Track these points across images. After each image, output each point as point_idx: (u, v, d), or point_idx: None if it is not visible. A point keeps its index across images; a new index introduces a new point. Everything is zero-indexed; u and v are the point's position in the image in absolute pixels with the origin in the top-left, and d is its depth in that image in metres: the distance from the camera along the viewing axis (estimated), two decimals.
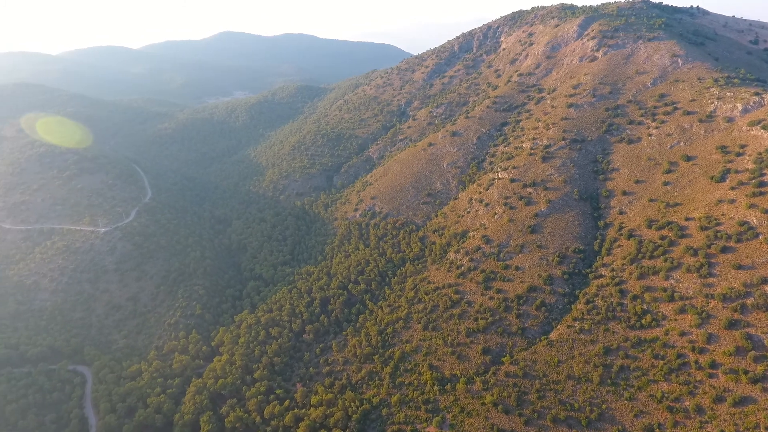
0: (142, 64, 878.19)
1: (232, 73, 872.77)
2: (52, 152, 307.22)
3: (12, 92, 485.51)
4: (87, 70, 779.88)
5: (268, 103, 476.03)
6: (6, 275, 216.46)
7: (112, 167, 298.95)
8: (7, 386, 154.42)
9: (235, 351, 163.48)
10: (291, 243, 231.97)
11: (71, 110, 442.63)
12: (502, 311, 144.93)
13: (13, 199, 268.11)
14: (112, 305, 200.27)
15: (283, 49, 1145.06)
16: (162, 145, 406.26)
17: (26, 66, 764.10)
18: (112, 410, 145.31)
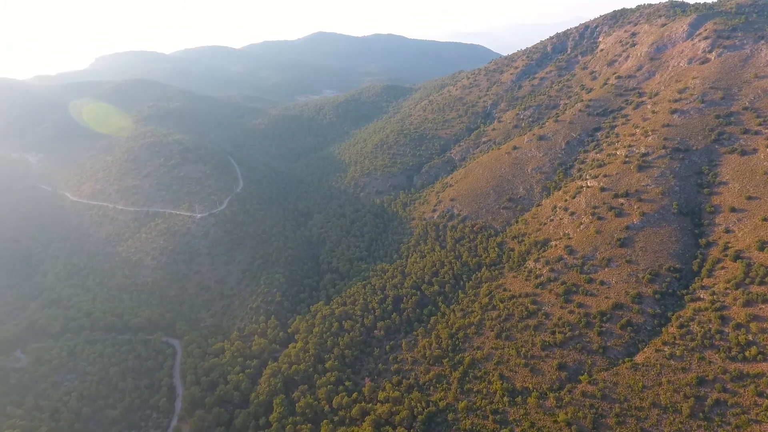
0: (242, 63, 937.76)
1: (322, 72, 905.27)
2: (161, 142, 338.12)
3: (130, 87, 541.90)
4: (194, 67, 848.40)
5: (355, 101, 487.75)
6: (116, 251, 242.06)
7: (210, 158, 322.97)
8: (112, 350, 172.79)
9: (309, 340, 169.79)
10: (368, 239, 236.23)
11: (179, 104, 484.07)
12: (582, 327, 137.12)
13: (126, 183, 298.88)
14: (203, 286, 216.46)
15: (372, 49, 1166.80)
16: (255, 139, 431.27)
17: (143, 64, 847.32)
18: (197, 382, 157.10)
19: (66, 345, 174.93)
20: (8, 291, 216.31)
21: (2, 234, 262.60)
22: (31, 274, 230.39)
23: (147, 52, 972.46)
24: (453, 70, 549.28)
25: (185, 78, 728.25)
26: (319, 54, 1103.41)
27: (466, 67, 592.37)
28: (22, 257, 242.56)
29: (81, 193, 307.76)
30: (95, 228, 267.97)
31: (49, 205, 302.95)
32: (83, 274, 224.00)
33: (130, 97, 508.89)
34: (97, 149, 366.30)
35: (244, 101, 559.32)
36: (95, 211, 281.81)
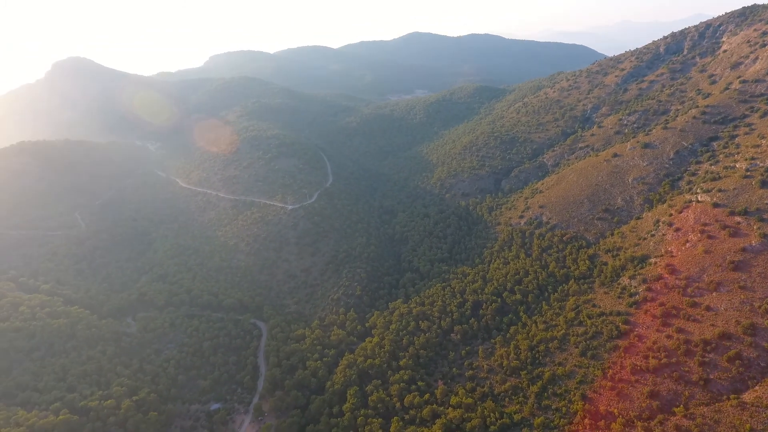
0: (339, 63, 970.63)
1: (415, 72, 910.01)
2: (260, 136, 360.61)
3: (237, 84, 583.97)
4: (294, 66, 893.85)
5: (446, 102, 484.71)
6: (216, 235, 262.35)
7: (304, 153, 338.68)
8: (207, 326, 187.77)
9: (386, 336, 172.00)
10: (450, 241, 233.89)
11: (279, 101, 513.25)
12: (681, 354, 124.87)
13: (228, 173, 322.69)
14: (289, 274, 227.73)
15: (467, 50, 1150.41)
16: (346, 136, 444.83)
17: (251, 62, 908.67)
18: (278, 365, 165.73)
19: (168, 317, 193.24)
20: (125, 264, 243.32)
21: (125, 213, 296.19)
22: (145, 250, 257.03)
23: (254, 52, 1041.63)
24: (551, 71, 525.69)
25: (286, 76, 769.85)
26: (413, 54, 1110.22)
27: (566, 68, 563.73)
28: (139, 234, 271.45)
29: (189, 180, 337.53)
30: (200, 212, 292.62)
31: (163, 189, 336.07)
32: (187, 254, 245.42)
33: (236, 93, 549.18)
34: (205, 140, 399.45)
35: (338, 99, 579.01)
36: (200, 197, 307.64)
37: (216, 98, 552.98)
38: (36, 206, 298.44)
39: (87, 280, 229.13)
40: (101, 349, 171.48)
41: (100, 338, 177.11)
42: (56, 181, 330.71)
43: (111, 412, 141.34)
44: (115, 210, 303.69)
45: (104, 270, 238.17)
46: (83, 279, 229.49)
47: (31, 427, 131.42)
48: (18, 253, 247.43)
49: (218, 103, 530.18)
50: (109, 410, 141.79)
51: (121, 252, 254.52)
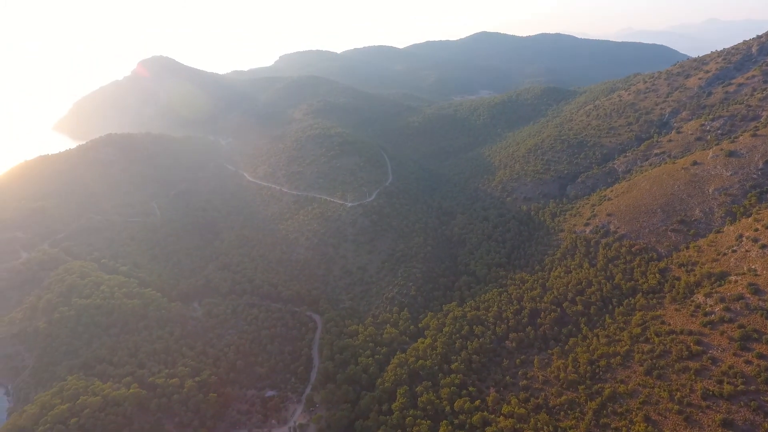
0: (404, 62, 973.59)
1: (480, 72, 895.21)
2: (324, 134, 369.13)
3: (304, 83, 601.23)
4: (360, 66, 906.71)
5: (511, 103, 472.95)
6: (278, 228, 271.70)
7: (365, 152, 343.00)
8: (265, 315, 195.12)
9: (438, 338, 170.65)
10: (509, 246, 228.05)
11: (344, 100, 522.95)
12: (761, 382, 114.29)
13: (292, 169, 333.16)
14: (346, 270, 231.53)
15: (536, 50, 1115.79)
16: (408, 136, 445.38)
17: (318, 62, 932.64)
18: (331, 358, 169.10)
19: (231, 304, 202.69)
20: (194, 251, 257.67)
21: (196, 203, 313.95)
22: (212, 239, 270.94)
23: (322, 51, 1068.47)
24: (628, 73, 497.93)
25: (351, 75, 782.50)
26: (479, 54, 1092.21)
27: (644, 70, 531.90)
28: (207, 224, 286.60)
29: (256, 174, 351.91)
30: (264, 206, 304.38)
31: (231, 182, 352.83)
32: (250, 245, 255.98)
33: (303, 91, 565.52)
34: (272, 137, 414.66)
35: (401, 99, 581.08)
36: (265, 191, 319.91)
37: (284, 96, 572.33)
38: (119, 194, 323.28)
39: (160, 264, 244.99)
40: (169, 330, 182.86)
41: (168, 320, 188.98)
42: (137, 172, 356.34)
43: (175, 390, 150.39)
44: (188, 200, 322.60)
45: (175, 256, 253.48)
46: (156, 264, 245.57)
47: (105, 397, 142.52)
48: (101, 237, 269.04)
49: (286, 101, 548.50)
50: (173, 388, 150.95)
51: (191, 240, 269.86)
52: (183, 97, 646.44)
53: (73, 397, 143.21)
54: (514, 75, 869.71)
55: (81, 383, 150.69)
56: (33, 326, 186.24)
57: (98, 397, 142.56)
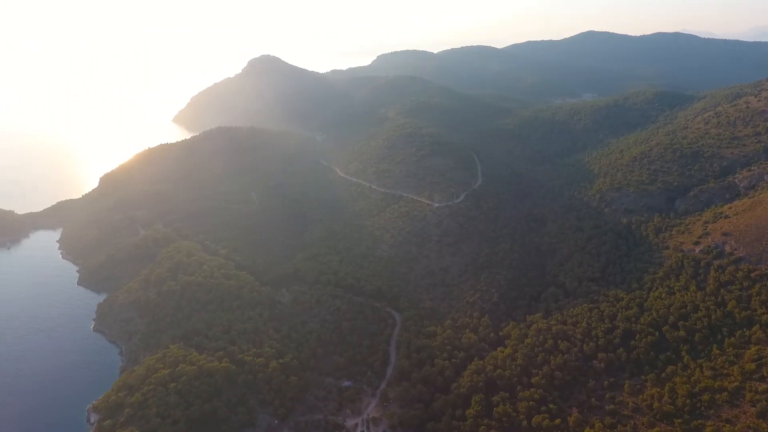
0: (502, 63, 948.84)
1: (583, 74, 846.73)
2: (416, 133, 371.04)
3: (399, 83, 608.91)
4: (456, 66, 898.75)
5: (617, 107, 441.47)
6: (364, 224, 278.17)
7: (456, 152, 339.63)
8: (347, 307, 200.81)
9: (519, 349, 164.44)
10: (604, 260, 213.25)
11: (437, 100, 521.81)
12: None
13: (382, 166, 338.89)
14: (428, 270, 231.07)
15: (649, 50, 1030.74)
16: (501, 138, 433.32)
17: (415, 62, 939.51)
18: (408, 356, 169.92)
19: (316, 293, 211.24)
20: (286, 240, 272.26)
21: (291, 195, 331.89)
22: (303, 230, 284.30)
23: (419, 51, 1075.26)
24: (759, 76, 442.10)
25: (447, 76, 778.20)
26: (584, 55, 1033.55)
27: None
28: (299, 216, 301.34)
29: (347, 170, 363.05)
30: (352, 201, 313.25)
31: (324, 177, 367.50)
32: (337, 238, 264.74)
33: (398, 91, 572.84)
34: (365, 135, 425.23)
35: (496, 100, 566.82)
36: (355, 188, 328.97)
37: (378, 95, 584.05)
38: (224, 182, 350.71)
39: (255, 250, 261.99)
40: (259, 312, 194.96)
41: (259, 302, 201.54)
42: (241, 162, 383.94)
43: (260, 369, 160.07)
44: (284, 192, 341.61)
45: (269, 244, 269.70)
46: (252, 249, 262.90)
47: (200, 367, 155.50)
48: (206, 220, 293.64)
49: (380, 100, 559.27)
50: (259, 367, 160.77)
51: (283, 229, 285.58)
52: (285, 94, 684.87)
53: (173, 364, 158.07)
54: (621, 77, 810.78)
55: (181, 352, 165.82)
56: (145, 296, 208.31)
57: (194, 366, 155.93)
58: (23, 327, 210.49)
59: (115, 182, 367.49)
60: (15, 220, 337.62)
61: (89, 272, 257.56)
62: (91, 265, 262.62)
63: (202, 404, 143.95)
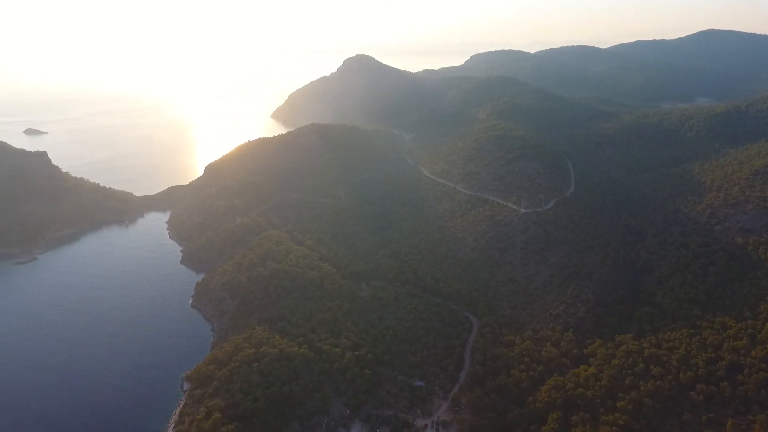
0: (604, 63, 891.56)
1: (698, 76, 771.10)
2: (505, 136, 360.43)
3: (491, 83, 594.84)
4: (554, 66, 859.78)
5: (739, 114, 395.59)
6: (447, 225, 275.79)
7: (547, 157, 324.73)
8: (424, 307, 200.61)
9: (605, 369, 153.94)
10: (711, 283, 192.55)
11: (530, 102, 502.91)
12: None
13: (469, 168, 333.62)
14: (510, 277, 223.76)
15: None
16: (598, 144, 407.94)
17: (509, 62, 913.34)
18: (483, 363, 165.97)
19: (394, 290, 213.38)
20: (368, 236, 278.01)
21: (376, 192, 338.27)
22: (385, 227, 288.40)
23: (514, 51, 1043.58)
24: None
25: (543, 77, 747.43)
26: (700, 55, 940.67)
27: None
28: (383, 213, 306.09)
29: (433, 170, 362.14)
30: (436, 202, 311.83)
31: (409, 175, 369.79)
32: (419, 238, 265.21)
33: (489, 92, 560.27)
34: (453, 135, 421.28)
35: (595, 103, 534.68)
36: (439, 188, 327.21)
37: (469, 96, 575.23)
38: (313, 176, 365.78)
39: (338, 243, 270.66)
40: (339, 304, 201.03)
41: (339, 295, 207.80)
42: (330, 158, 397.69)
43: (336, 359, 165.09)
44: (369, 188, 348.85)
45: (352, 238, 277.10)
46: (336, 242, 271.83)
47: (281, 351, 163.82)
48: (295, 212, 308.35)
49: (471, 100, 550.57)
50: (335, 357, 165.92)
51: (367, 225, 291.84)
52: (377, 93, 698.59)
53: (257, 345, 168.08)
54: (745, 81, 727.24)
55: (265, 334, 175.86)
56: (237, 279, 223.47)
57: (276, 349, 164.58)
58: (135, 295, 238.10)
59: (218, 172, 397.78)
60: (133, 201, 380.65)
61: (190, 253, 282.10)
62: (193, 246, 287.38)
63: (281, 386, 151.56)
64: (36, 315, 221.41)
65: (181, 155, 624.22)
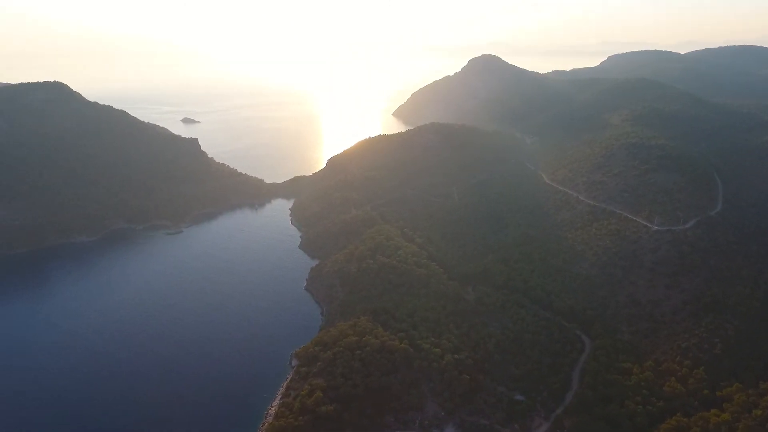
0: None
1: None
2: (641, 144, 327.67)
3: (629, 86, 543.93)
4: (708, 69, 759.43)
5: None
6: (565, 236, 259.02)
7: (690, 170, 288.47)
8: (532, 320, 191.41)
9: (742, 419, 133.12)
10: None
11: (675, 108, 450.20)
12: None
13: (595, 177, 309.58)
14: (633, 299, 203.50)
15: None
16: (760, 159, 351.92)
17: (653, 63, 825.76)
18: (592, 388, 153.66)
19: (501, 298, 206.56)
20: (479, 239, 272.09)
21: (490, 195, 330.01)
22: (497, 231, 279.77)
23: (660, 52, 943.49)
24: None
25: (694, 80, 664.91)
26: None
27: None
28: (496, 216, 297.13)
29: (554, 177, 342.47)
30: (555, 210, 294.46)
31: (527, 181, 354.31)
32: (533, 245, 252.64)
33: (626, 95, 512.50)
34: (580, 141, 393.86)
35: (760, 112, 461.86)
36: (559, 196, 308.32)
37: (603, 99, 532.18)
38: (428, 174, 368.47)
39: (447, 244, 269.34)
40: (443, 304, 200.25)
41: (444, 295, 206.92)
42: (447, 158, 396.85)
43: (436, 359, 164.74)
44: (484, 190, 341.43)
45: (462, 239, 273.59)
46: (445, 242, 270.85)
47: (383, 343, 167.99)
48: (407, 208, 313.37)
49: (604, 104, 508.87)
50: (435, 356, 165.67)
51: (478, 227, 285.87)
52: (500, 94, 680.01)
53: (361, 333, 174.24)
54: None
55: (369, 325, 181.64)
56: (347, 269, 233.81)
57: (378, 340, 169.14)
58: (258, 271, 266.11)
59: (339, 165, 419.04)
60: (263, 188, 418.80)
61: (308, 239, 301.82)
62: (311, 233, 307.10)
63: (380, 376, 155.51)
64: (180, 279, 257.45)
65: (307, 147, 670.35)
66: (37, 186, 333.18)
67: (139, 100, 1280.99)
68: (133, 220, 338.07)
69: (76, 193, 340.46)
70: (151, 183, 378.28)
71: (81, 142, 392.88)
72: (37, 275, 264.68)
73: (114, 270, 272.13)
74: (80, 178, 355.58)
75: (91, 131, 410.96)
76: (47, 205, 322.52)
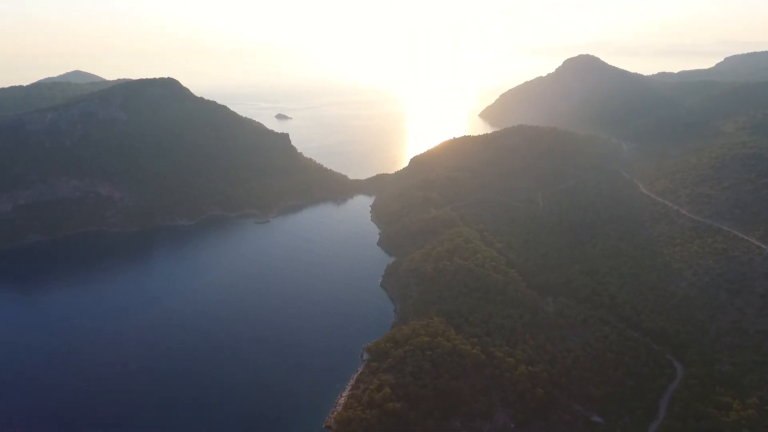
0: None
1: None
2: (760, 155, 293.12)
3: (750, 91, 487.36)
4: None
5: None
6: (661, 252, 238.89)
7: None
8: (617, 338, 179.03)
9: None
10: None
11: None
12: None
13: (700, 190, 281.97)
14: (738, 327, 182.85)
15: None
16: None
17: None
18: (682, 419, 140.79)
19: (583, 312, 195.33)
20: (563, 249, 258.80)
21: (579, 203, 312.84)
22: (584, 242, 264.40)
23: None
24: None
25: None
26: None
27: None
28: (584, 226, 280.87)
29: (652, 187, 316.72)
30: (651, 223, 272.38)
31: (621, 190, 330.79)
32: (623, 260, 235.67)
33: (745, 101, 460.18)
34: (685, 149, 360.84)
35: None
36: (657, 208, 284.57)
37: (715, 105, 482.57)
38: (512, 178, 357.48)
39: (528, 251, 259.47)
40: (519, 313, 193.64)
41: (521, 303, 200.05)
42: (533, 162, 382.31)
43: (508, 369, 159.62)
44: (572, 198, 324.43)
45: (544, 248, 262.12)
46: (526, 249, 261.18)
47: (455, 346, 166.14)
48: (489, 212, 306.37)
49: (716, 110, 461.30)
50: (507, 366, 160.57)
51: (563, 236, 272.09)
52: (596, 97, 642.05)
53: (433, 334, 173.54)
54: None
55: (441, 326, 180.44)
56: (423, 268, 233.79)
57: (450, 343, 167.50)
58: (338, 264, 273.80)
59: (421, 164, 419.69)
60: (347, 183, 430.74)
61: (386, 236, 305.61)
62: (389, 231, 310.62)
63: (449, 379, 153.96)
64: (265, 265, 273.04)
65: (391, 146, 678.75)
66: (149, 172, 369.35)
67: (240, 97, 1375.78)
68: (228, 207, 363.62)
69: (181, 180, 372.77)
70: (245, 174, 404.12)
71: (188, 134, 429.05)
72: (145, 254, 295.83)
73: (208, 252, 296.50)
74: (185, 167, 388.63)
75: (197, 124, 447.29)
76: (156, 190, 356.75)
